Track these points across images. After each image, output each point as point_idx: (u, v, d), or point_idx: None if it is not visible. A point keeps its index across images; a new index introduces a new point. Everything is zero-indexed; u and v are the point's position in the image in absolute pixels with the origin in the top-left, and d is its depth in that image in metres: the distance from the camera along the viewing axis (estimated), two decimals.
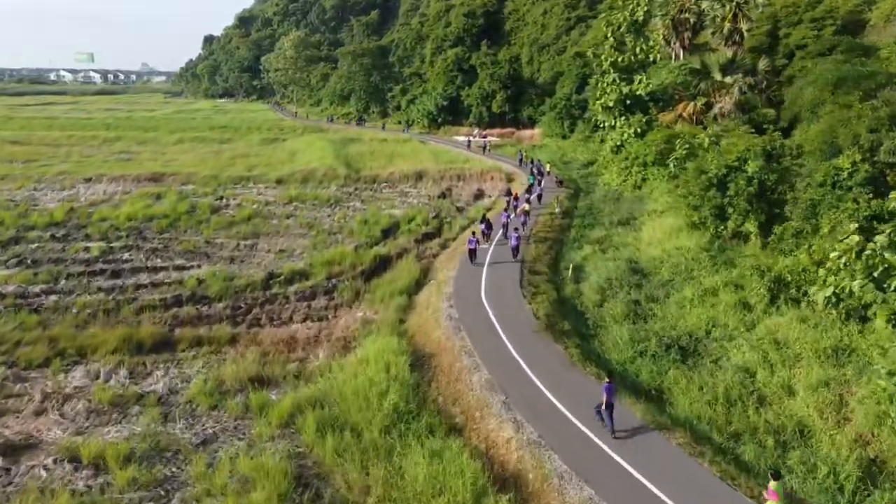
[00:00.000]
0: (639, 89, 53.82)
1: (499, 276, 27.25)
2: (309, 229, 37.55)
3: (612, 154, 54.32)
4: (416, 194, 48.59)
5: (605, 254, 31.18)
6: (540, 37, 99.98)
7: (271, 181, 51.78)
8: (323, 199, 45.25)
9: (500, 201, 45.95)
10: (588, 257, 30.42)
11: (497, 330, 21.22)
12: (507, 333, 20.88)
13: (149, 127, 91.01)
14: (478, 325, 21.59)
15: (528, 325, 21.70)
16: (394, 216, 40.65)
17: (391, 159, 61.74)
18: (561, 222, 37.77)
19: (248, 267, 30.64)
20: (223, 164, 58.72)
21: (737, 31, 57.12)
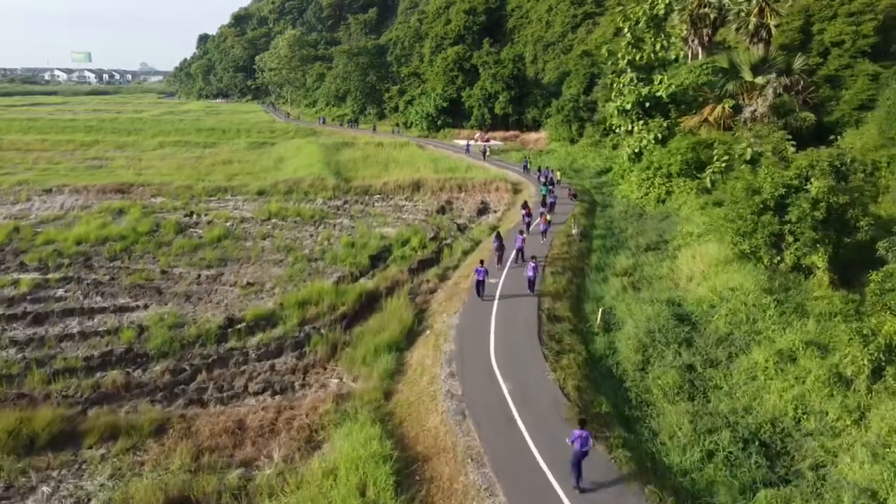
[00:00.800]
0: (659, 90, 48.19)
1: (512, 323, 21.67)
2: (286, 254, 31.95)
3: (629, 162, 48.74)
4: (411, 208, 42.97)
5: (638, 290, 25.62)
6: (545, 35, 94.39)
7: (252, 193, 46.16)
8: (306, 215, 39.63)
9: (507, 216, 40.39)
10: (618, 296, 24.82)
11: (514, 417, 15.64)
12: (527, 423, 15.31)
13: (132, 130, 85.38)
14: (488, 409, 16.00)
15: (555, 406, 16.14)
16: (386, 237, 35.08)
17: (386, 167, 56.11)
18: (580, 246, 32.18)
19: (206, 307, 25.03)
20: (202, 173, 53.13)
21: (764, 27, 51.47)
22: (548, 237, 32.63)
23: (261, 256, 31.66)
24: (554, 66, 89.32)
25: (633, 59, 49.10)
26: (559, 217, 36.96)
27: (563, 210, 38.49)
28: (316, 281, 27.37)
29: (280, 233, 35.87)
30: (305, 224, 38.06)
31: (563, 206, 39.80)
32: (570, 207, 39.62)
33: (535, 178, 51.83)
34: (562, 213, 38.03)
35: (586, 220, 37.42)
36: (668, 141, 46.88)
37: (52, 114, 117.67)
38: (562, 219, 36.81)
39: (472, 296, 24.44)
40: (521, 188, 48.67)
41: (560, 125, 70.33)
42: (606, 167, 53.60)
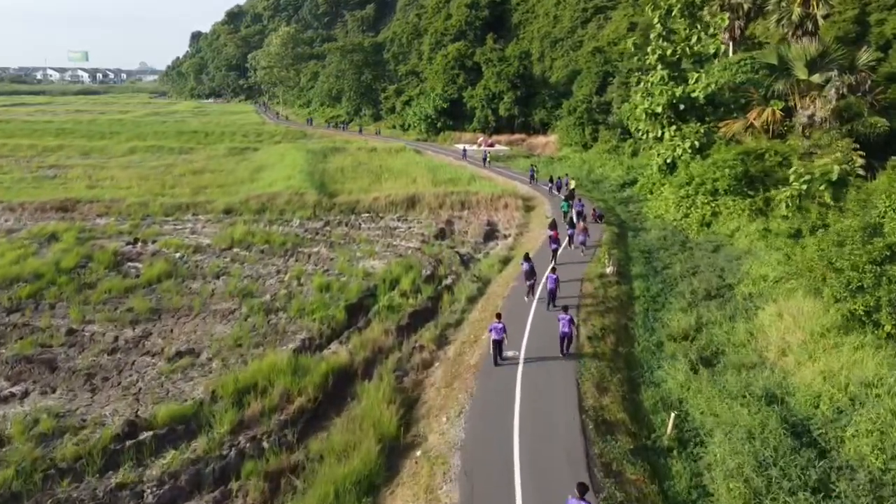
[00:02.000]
0: (696, 90, 40.70)
1: (547, 436, 14.28)
2: (241, 302, 24.51)
3: (659, 174, 41.29)
4: (405, 231, 35.50)
5: (713, 369, 18.18)
6: (552, 30, 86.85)
7: (217, 211, 38.71)
8: (276, 242, 32.17)
9: (520, 243, 32.93)
10: (688, 383, 17.35)
11: None
12: None
13: (107, 132, 77.91)
14: None
15: None
16: (371, 274, 27.64)
17: (378, 177, 48.68)
18: (618, 290, 24.72)
19: (108, 397, 17.60)
20: (166, 185, 45.69)
21: (809, 18, 43.83)
22: (589, 248, 29.33)
23: (207, 305, 24.19)
24: (562, 63, 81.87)
25: (665, 53, 41.61)
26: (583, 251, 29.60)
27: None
28: (269, 350, 19.93)
29: (239, 269, 28.40)
30: (273, 255, 30.60)
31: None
32: (596, 233, 32.19)
33: (547, 191, 44.52)
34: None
35: (619, 250, 29.96)
36: (706, 150, 39.53)
37: (31, 114, 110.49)
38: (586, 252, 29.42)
39: (484, 381, 17.05)
40: (533, 204, 41.22)
41: (572, 128, 62.89)
42: (630, 179, 46.10)
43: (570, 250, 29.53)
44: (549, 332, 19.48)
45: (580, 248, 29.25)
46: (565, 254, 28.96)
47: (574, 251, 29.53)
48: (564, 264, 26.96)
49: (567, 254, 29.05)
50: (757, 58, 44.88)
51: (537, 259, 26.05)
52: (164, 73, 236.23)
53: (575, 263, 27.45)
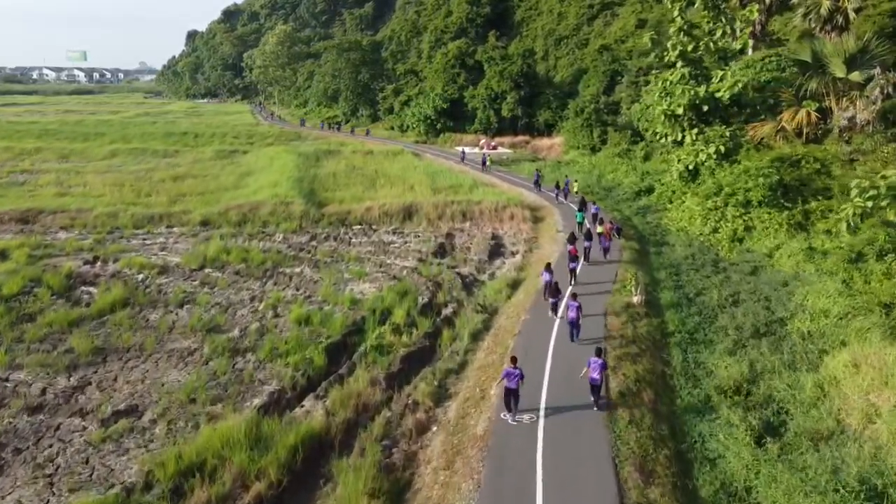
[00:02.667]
0: (720, 90, 36.82)
1: None
2: (204, 337, 20.65)
3: (680, 182, 37.42)
4: (400, 247, 31.62)
5: (779, 440, 14.36)
6: (556, 27, 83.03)
7: (193, 223, 34.86)
8: (255, 261, 28.28)
9: (530, 263, 29.05)
10: (755, 465, 13.49)
11: None
12: None
13: (92, 134, 74.01)
14: None
15: None
16: (359, 301, 23.76)
17: (373, 183, 44.85)
18: (648, 325, 20.85)
19: (11, 483, 13.70)
20: (142, 192, 41.82)
21: (840, 12, 39.97)
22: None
23: (163, 343, 20.33)
24: (567, 62, 78.08)
25: (685, 49, 37.73)
26: (602, 269, 25.77)
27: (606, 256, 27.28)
28: (228, 407, 16.09)
29: (207, 295, 24.52)
30: (250, 277, 26.70)
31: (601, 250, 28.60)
32: (615, 250, 28.35)
33: (554, 198, 40.75)
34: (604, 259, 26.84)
35: (644, 272, 26.08)
36: (733, 155, 35.67)
37: (19, 115, 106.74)
38: (605, 271, 25.57)
39: (494, 462, 13.21)
40: (542, 215, 37.33)
41: (579, 130, 59.03)
42: (646, 186, 42.17)
43: (588, 269, 25.67)
44: (573, 376, 16.07)
45: (601, 256, 27.29)
46: (584, 272, 25.13)
47: (593, 269, 25.73)
48: (583, 286, 23.15)
49: (586, 272, 25.20)
50: (783, 54, 41.00)
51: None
52: (159, 72, 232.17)
53: (595, 286, 23.59)
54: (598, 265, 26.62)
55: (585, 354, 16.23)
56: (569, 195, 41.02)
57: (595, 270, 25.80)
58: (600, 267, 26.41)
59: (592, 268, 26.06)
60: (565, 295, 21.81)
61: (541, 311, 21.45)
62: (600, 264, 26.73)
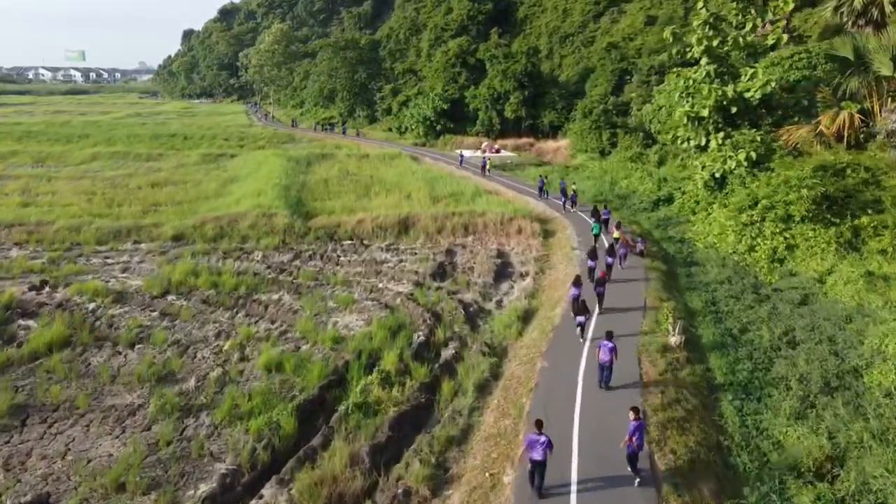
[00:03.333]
0: (750, 89, 33.02)
1: None
2: (151, 391, 16.86)
3: (706, 191, 33.65)
4: (394, 267, 27.80)
5: None
6: (562, 25, 79.29)
7: (165, 238, 31.06)
8: (227, 286, 24.45)
9: (543, 287, 25.24)
10: None
11: None
12: None
13: (76, 135, 70.24)
14: None
15: None
16: (344, 339, 19.95)
17: (367, 191, 41.08)
18: (692, 375, 17.07)
19: None
20: (115, 202, 38.00)
21: (875, 5, 36.28)
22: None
23: (100, 399, 16.53)
24: (573, 61, 74.36)
25: (712, 45, 33.94)
26: (625, 291, 22.01)
27: (628, 280, 23.48)
28: (164, 503, 12.33)
29: (166, 330, 20.69)
30: (219, 306, 22.89)
31: (629, 267, 24.85)
32: (640, 275, 24.60)
33: (562, 205, 37.12)
34: (625, 277, 23.05)
35: (676, 300, 22.27)
36: (765, 162, 31.91)
37: (6, 115, 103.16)
38: (628, 294, 21.80)
39: None
40: (552, 228, 33.51)
41: (587, 133, 55.24)
42: (665, 194, 38.35)
43: (609, 287, 21.90)
44: (607, 434, 13.01)
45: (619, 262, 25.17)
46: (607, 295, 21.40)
47: (614, 289, 21.98)
48: (608, 314, 19.40)
49: (609, 296, 21.40)
50: (813, 51, 37.16)
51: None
52: (155, 72, 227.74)
53: (622, 316, 19.82)
54: (619, 282, 22.94)
55: (619, 407, 12.89)
56: (576, 203, 37.43)
57: (617, 291, 22.02)
58: (623, 286, 22.72)
59: (613, 285, 22.29)
60: (594, 314, 19.86)
61: (561, 355, 17.69)
62: (620, 281, 23.09)
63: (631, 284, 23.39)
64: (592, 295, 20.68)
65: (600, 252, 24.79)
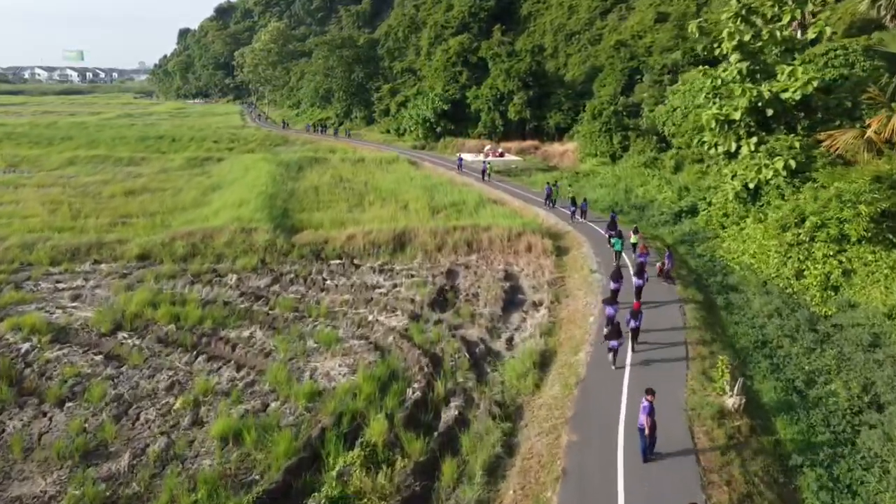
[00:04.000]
0: (789, 89, 29.24)
1: None
2: (73, 470, 13.15)
3: (737, 203, 29.87)
4: (388, 293, 24.03)
5: None
6: (567, 22, 75.46)
7: (129, 258, 27.29)
8: (190, 318, 20.71)
9: (561, 320, 21.48)
10: None
11: None
12: None
13: (58, 138, 66.48)
14: None
15: None
16: (321, 395, 16.22)
17: (360, 200, 37.35)
18: (760, 450, 13.39)
19: None
20: (81, 213, 34.19)
21: None
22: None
23: (3, 484, 12.83)
24: (579, 59, 70.52)
25: (744, 40, 30.17)
26: (658, 320, 18.22)
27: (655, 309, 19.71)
28: None
29: (107, 382, 16.95)
30: (176, 347, 19.12)
31: (650, 290, 21.09)
32: (665, 294, 20.85)
33: (570, 216, 33.55)
34: (654, 299, 19.27)
35: (717, 335, 18.51)
36: (806, 171, 28.15)
37: None
38: (662, 327, 18.03)
39: None
40: (566, 244, 29.70)
41: (597, 136, 51.40)
42: (688, 205, 34.51)
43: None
44: None
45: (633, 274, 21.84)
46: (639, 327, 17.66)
47: (646, 315, 18.23)
48: (643, 352, 15.70)
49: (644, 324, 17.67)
50: (850, 47, 33.41)
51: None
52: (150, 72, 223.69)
53: (659, 356, 16.11)
54: (647, 306, 19.23)
55: (671, 490, 8.97)
56: (587, 213, 33.89)
57: (648, 321, 18.25)
58: (653, 314, 19.05)
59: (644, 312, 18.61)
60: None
61: (592, 421, 13.97)
62: (649, 305, 19.43)
63: (662, 313, 19.68)
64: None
65: (624, 271, 21.18)
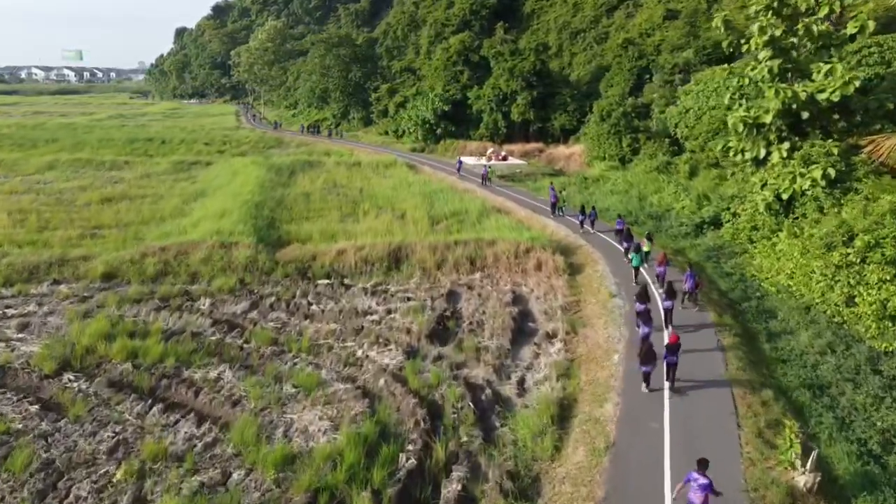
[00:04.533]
0: (827, 89, 26.24)
1: None
2: None
3: (768, 215, 26.90)
4: (381, 321, 21.03)
5: None
6: (572, 20, 72.52)
7: (93, 277, 24.33)
8: (151, 355, 17.71)
9: (581, 357, 18.51)
10: None
11: None
12: None
13: (43, 140, 63.53)
14: None
15: None
16: (294, 462, 13.25)
17: (354, 209, 34.43)
18: None
19: None
20: (49, 224, 31.24)
21: None
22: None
23: None
24: (585, 59, 67.65)
25: (776, 35, 27.20)
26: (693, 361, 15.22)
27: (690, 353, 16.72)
28: None
29: (34, 443, 14.00)
30: (130, 392, 16.13)
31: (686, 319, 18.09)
32: (701, 336, 17.88)
33: (578, 225, 30.79)
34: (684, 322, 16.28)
35: (762, 378, 15.57)
36: (847, 181, 25.19)
37: None
38: (698, 368, 15.02)
39: None
40: (579, 260, 26.72)
41: (606, 138, 48.52)
42: (710, 216, 31.48)
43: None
44: None
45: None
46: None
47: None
48: (681, 404, 12.74)
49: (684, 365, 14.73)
50: (886, 44, 30.44)
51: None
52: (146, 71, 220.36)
53: (699, 411, 13.14)
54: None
55: None
56: (596, 222, 31.12)
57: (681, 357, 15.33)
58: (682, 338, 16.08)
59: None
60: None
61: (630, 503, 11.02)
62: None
63: (695, 343, 16.72)
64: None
65: (650, 290, 18.44)
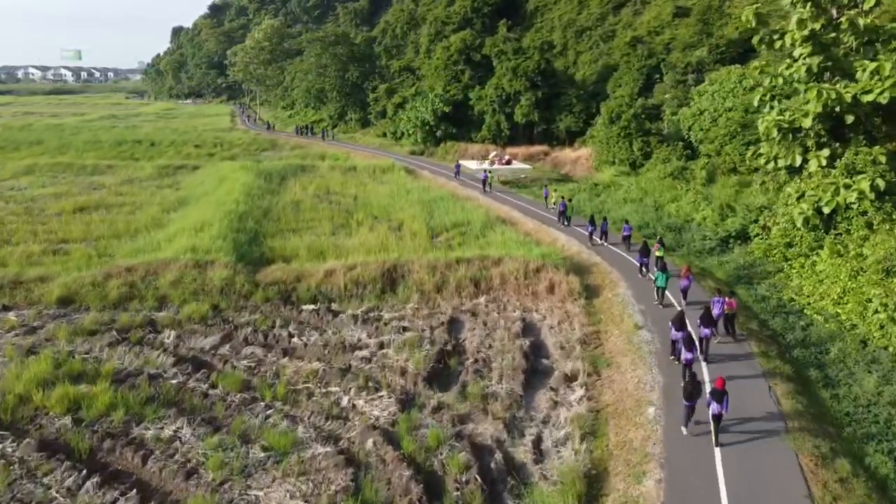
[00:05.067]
0: (875, 90, 23.26)
1: None
2: None
3: (807, 230, 23.95)
4: (370, 359, 18.09)
5: None
6: (577, 18, 69.59)
7: (48, 302, 21.43)
8: (97, 408, 14.76)
9: (608, 409, 15.56)
10: None
11: None
12: None
13: (27, 142, 60.58)
14: None
15: None
16: None
17: (347, 220, 31.49)
18: None
19: None
20: (11, 239, 28.35)
21: None
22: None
23: None
24: (591, 57, 64.65)
25: (817, 31, 24.24)
26: (736, 412, 12.30)
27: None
28: None
29: None
30: (64, 458, 13.18)
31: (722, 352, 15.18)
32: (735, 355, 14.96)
33: (587, 237, 28.01)
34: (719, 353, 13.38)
35: (830, 440, 12.71)
36: (894, 193, 22.27)
37: None
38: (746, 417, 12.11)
39: None
40: (595, 281, 23.74)
41: (615, 142, 45.58)
42: (735, 229, 28.52)
43: None
44: None
45: None
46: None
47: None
48: (740, 468, 9.86)
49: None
50: None
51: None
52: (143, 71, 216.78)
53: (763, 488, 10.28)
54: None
55: None
56: (607, 234, 28.25)
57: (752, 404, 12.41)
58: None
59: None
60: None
61: None
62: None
63: (738, 384, 13.83)
64: None
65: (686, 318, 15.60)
